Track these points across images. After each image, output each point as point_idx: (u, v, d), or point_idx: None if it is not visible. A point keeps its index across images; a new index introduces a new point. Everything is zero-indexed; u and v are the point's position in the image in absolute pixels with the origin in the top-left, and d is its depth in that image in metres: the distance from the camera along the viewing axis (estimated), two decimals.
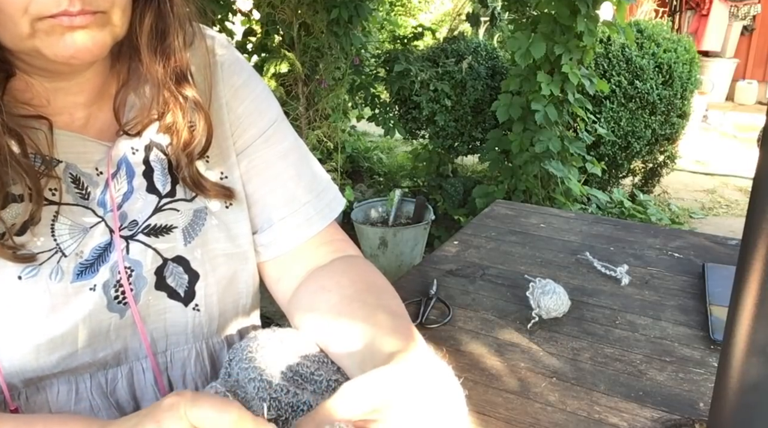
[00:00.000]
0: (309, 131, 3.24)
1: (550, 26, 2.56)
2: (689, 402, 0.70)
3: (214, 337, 0.72)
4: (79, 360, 0.62)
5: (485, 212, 1.34)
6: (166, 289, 0.65)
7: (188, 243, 0.65)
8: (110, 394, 0.65)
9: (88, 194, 0.62)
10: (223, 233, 0.68)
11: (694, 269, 1.03)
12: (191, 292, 0.66)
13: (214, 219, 0.67)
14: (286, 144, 0.74)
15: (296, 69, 3.04)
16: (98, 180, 0.63)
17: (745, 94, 7.04)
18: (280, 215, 0.71)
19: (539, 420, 0.67)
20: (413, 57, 3.57)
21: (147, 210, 0.64)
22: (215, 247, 0.67)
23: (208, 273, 0.67)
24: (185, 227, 0.65)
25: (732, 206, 4.28)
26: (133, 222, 0.63)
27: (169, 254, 0.64)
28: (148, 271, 0.63)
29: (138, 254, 0.63)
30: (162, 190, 0.65)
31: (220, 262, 0.68)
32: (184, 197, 0.66)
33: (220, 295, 0.68)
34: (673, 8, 7.02)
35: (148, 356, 0.66)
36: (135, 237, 0.63)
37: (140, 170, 0.65)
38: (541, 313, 0.86)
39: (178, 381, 0.70)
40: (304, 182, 0.73)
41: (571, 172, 2.86)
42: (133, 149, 0.65)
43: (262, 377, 0.56)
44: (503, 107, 2.80)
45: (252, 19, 3.43)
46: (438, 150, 3.74)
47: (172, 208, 0.65)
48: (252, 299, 0.75)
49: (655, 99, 3.43)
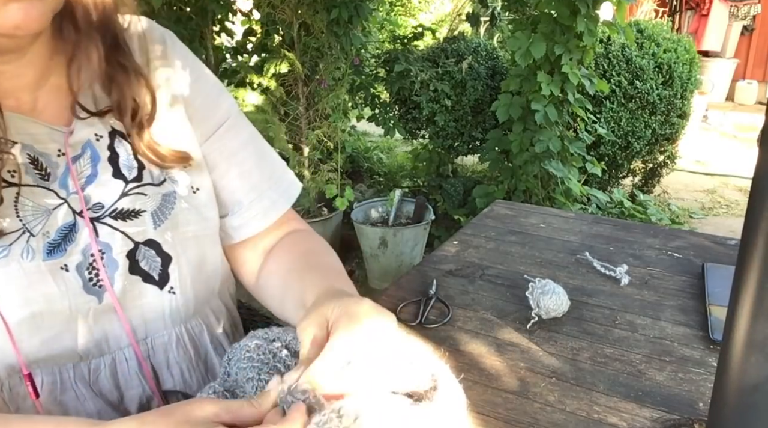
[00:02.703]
0: (309, 131, 3.24)
1: (550, 26, 2.56)
2: (688, 402, 0.70)
3: (192, 320, 0.73)
4: (62, 344, 0.62)
5: (485, 212, 1.34)
6: (140, 273, 0.66)
7: (158, 226, 0.67)
8: (93, 384, 0.66)
9: (49, 175, 0.63)
10: (193, 216, 0.71)
11: (693, 269, 1.03)
12: (165, 275, 0.68)
13: (184, 203, 0.70)
14: (245, 134, 0.79)
15: (296, 69, 3.04)
16: (58, 161, 0.63)
17: (745, 94, 7.03)
18: (249, 199, 0.77)
19: (538, 420, 0.67)
20: (413, 57, 3.56)
21: (113, 195, 0.65)
22: (186, 230, 0.70)
23: (180, 255, 0.69)
24: (154, 211, 0.67)
25: (732, 206, 4.28)
26: (98, 205, 0.65)
27: (139, 238, 0.66)
28: (118, 254, 0.64)
29: (106, 237, 0.64)
30: (128, 175, 0.67)
31: (190, 244, 0.70)
32: (152, 182, 0.68)
33: (193, 277, 0.71)
34: (673, 8, 7.01)
35: (129, 344, 0.68)
36: (101, 220, 0.64)
37: (105, 155, 0.66)
38: (541, 313, 0.86)
39: (162, 367, 0.71)
40: (266, 169, 0.80)
41: (571, 172, 2.86)
42: (97, 135, 0.66)
43: (260, 376, 0.57)
44: (503, 106, 2.80)
45: (252, 19, 3.43)
46: (438, 150, 3.74)
47: (140, 193, 0.67)
48: (222, 282, 0.78)
49: (655, 99, 3.43)
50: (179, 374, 0.72)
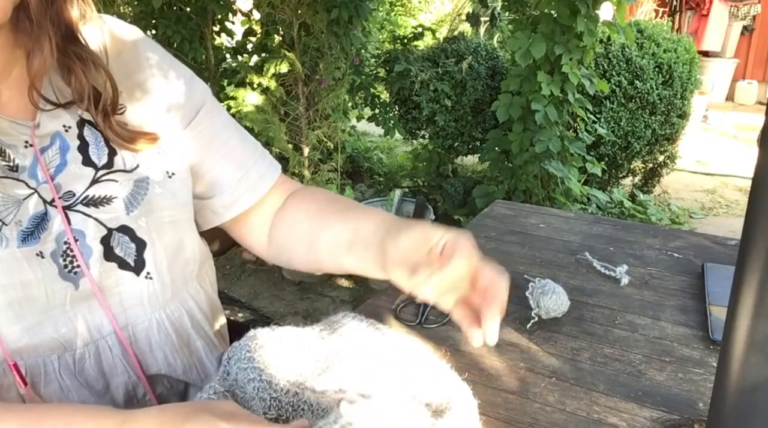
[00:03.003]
0: (309, 131, 3.24)
1: (550, 26, 2.56)
2: (688, 402, 0.70)
3: (170, 304, 0.74)
4: (42, 333, 0.63)
5: (485, 212, 1.34)
6: (115, 259, 0.67)
7: (131, 212, 0.68)
8: (78, 374, 0.67)
9: (17, 166, 0.63)
10: (168, 201, 0.71)
11: (693, 269, 1.03)
12: (141, 260, 0.69)
13: (158, 188, 0.70)
14: (223, 116, 0.82)
15: (296, 69, 3.04)
16: (26, 152, 0.64)
17: (745, 94, 7.03)
18: (236, 177, 0.79)
19: (538, 420, 0.67)
20: (413, 57, 3.56)
21: (84, 182, 0.66)
22: (161, 215, 0.70)
23: (155, 241, 0.70)
24: (126, 196, 0.68)
25: (732, 206, 4.28)
26: (69, 193, 0.65)
27: (112, 224, 0.66)
28: (92, 240, 0.65)
29: (79, 224, 0.65)
30: (98, 162, 0.68)
31: (166, 230, 0.71)
32: (123, 168, 0.69)
33: (169, 262, 0.72)
34: (673, 8, 7.01)
35: (111, 332, 0.68)
36: (73, 208, 0.65)
37: (75, 144, 0.67)
38: (541, 313, 0.86)
39: (146, 352, 0.72)
40: (248, 146, 0.82)
41: (571, 172, 2.86)
42: (66, 126, 0.67)
43: (261, 377, 0.56)
44: (503, 107, 2.80)
45: (252, 19, 3.43)
46: (438, 150, 3.74)
47: (110, 179, 0.67)
48: (200, 266, 0.79)
49: (655, 99, 3.42)
50: (163, 358, 0.73)
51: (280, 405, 0.54)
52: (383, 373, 0.59)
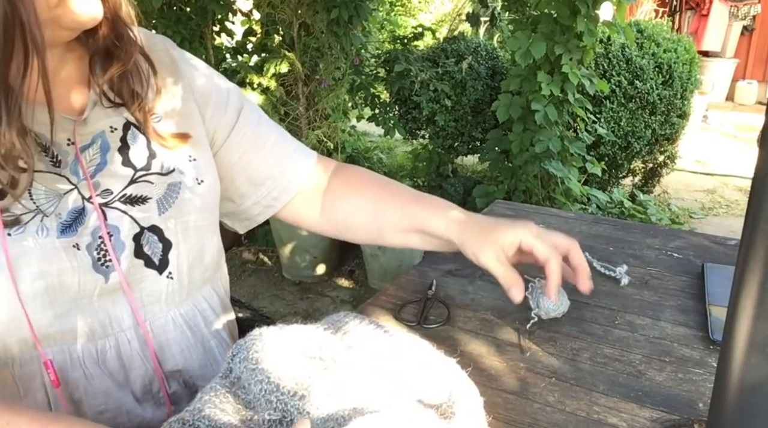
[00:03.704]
0: (309, 131, 3.24)
1: (550, 26, 2.56)
2: (688, 402, 0.70)
3: (185, 305, 0.76)
4: (70, 321, 0.65)
5: (485, 212, 1.33)
6: (143, 257, 0.70)
7: (162, 213, 0.71)
8: (101, 363, 0.69)
9: (59, 162, 0.66)
10: (195, 207, 0.75)
11: (693, 270, 1.03)
12: (165, 260, 0.72)
13: (188, 193, 0.74)
14: (257, 113, 0.87)
15: (296, 69, 3.04)
16: (68, 150, 0.67)
17: (745, 94, 7.03)
18: (280, 170, 0.86)
19: (538, 421, 0.67)
20: (413, 57, 3.56)
21: (122, 182, 0.70)
22: (188, 219, 0.74)
23: (180, 243, 0.73)
24: (159, 198, 0.71)
25: (732, 206, 4.28)
26: (107, 191, 0.68)
27: (145, 223, 0.70)
28: (126, 236, 0.68)
29: (115, 220, 0.68)
30: (137, 164, 0.71)
31: (191, 234, 0.74)
32: (159, 171, 0.72)
33: (190, 265, 0.75)
34: (673, 8, 7.01)
35: (131, 326, 0.71)
36: (111, 205, 0.68)
37: (116, 146, 0.71)
38: (541, 313, 0.86)
39: (163, 348, 0.74)
40: (285, 139, 0.89)
41: (571, 172, 2.86)
42: (112, 127, 0.71)
43: (269, 379, 0.55)
44: (503, 106, 2.80)
45: (252, 19, 3.43)
46: (438, 150, 3.74)
47: (147, 180, 0.71)
48: (215, 271, 0.83)
49: (655, 99, 3.42)
50: (180, 353, 0.75)
51: (285, 408, 0.54)
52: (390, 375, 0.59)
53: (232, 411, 0.55)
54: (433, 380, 0.59)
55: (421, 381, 0.59)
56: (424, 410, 0.55)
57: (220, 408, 0.54)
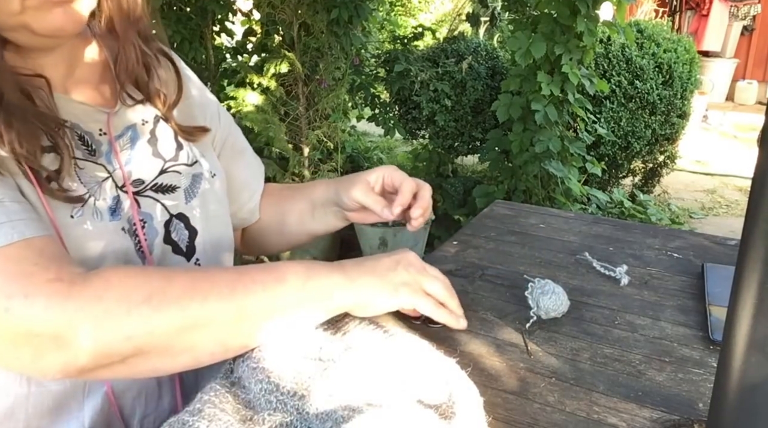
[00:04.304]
0: (309, 131, 3.24)
1: (550, 26, 2.56)
2: (688, 403, 0.70)
3: None
4: None
5: (485, 212, 1.33)
6: (171, 243, 0.72)
7: (189, 202, 0.75)
8: None
9: (94, 151, 0.68)
10: (213, 196, 0.79)
11: (693, 270, 1.03)
12: (192, 247, 0.75)
13: (207, 184, 0.78)
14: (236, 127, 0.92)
15: (296, 69, 3.04)
16: (101, 139, 0.69)
17: (745, 94, 7.03)
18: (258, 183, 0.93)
19: (538, 421, 0.67)
20: (413, 57, 3.56)
21: (153, 172, 0.72)
22: (209, 208, 0.78)
23: (204, 230, 0.76)
24: (186, 187, 0.75)
25: (732, 206, 4.28)
26: (138, 180, 0.71)
27: (174, 210, 0.73)
28: (158, 223, 0.71)
29: (148, 207, 0.71)
30: (166, 156, 0.74)
31: (213, 223, 0.78)
32: (186, 162, 0.76)
33: (213, 252, 0.78)
34: (673, 8, 7.01)
35: None
36: (143, 193, 0.71)
37: (146, 138, 0.73)
38: (540, 313, 0.86)
39: None
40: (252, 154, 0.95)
41: (571, 172, 2.86)
42: (144, 120, 0.74)
43: (270, 379, 0.56)
44: (503, 107, 2.80)
45: (252, 19, 3.43)
46: (438, 150, 3.74)
47: (175, 171, 0.75)
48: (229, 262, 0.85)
49: (655, 99, 3.43)
50: None
51: (285, 408, 0.54)
52: (390, 375, 0.59)
53: (231, 410, 0.55)
54: (432, 380, 0.59)
55: (420, 381, 0.59)
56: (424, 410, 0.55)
57: (220, 408, 0.54)
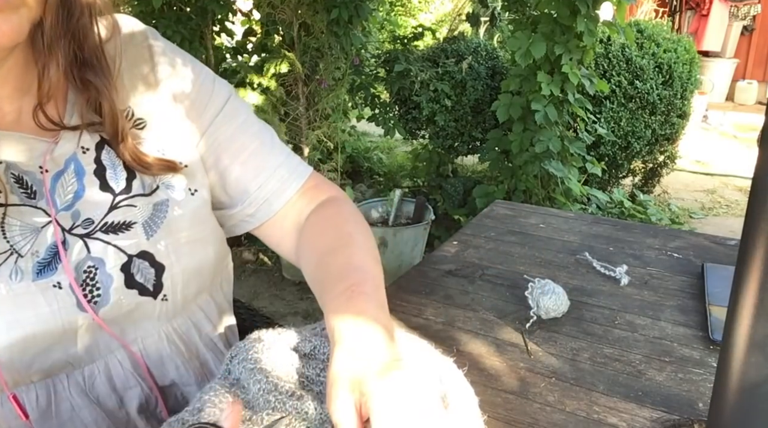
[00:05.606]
0: (309, 131, 3.24)
1: (550, 26, 2.56)
2: (688, 402, 0.70)
3: (178, 319, 0.72)
4: (53, 358, 0.62)
5: (485, 212, 1.33)
6: (136, 286, 0.65)
7: (151, 237, 0.65)
8: (90, 391, 0.66)
9: (35, 193, 0.61)
10: (186, 222, 0.69)
11: (693, 270, 1.03)
12: (159, 284, 0.67)
13: (178, 209, 0.68)
14: (243, 117, 0.77)
15: (296, 69, 3.04)
16: (43, 178, 0.62)
17: (745, 94, 7.03)
18: (256, 184, 0.75)
19: (538, 421, 0.67)
20: (413, 57, 3.56)
21: (102, 209, 0.64)
22: (179, 237, 0.68)
23: (174, 264, 0.67)
24: (145, 221, 0.65)
25: (732, 206, 4.28)
26: (88, 220, 0.63)
27: (132, 250, 0.64)
28: (112, 268, 0.63)
29: (98, 252, 0.62)
30: (116, 188, 0.65)
31: (184, 252, 0.68)
32: (142, 192, 0.66)
33: (184, 283, 0.69)
34: (673, 8, 7.01)
35: (120, 346, 0.67)
36: (92, 235, 0.63)
37: (91, 169, 0.64)
38: (540, 313, 0.86)
39: (157, 365, 0.71)
40: (271, 149, 0.77)
41: (571, 172, 2.86)
42: (84, 148, 0.65)
43: (268, 379, 0.56)
44: (503, 106, 2.80)
45: (252, 19, 3.43)
46: (438, 150, 3.74)
47: (129, 204, 0.65)
48: (214, 278, 0.77)
49: (655, 99, 3.42)
50: (175, 369, 0.72)
51: (283, 407, 0.54)
52: None
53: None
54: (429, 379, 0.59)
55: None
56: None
57: (219, 407, 0.54)
